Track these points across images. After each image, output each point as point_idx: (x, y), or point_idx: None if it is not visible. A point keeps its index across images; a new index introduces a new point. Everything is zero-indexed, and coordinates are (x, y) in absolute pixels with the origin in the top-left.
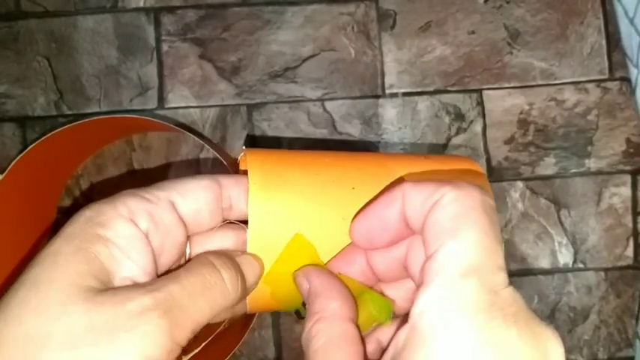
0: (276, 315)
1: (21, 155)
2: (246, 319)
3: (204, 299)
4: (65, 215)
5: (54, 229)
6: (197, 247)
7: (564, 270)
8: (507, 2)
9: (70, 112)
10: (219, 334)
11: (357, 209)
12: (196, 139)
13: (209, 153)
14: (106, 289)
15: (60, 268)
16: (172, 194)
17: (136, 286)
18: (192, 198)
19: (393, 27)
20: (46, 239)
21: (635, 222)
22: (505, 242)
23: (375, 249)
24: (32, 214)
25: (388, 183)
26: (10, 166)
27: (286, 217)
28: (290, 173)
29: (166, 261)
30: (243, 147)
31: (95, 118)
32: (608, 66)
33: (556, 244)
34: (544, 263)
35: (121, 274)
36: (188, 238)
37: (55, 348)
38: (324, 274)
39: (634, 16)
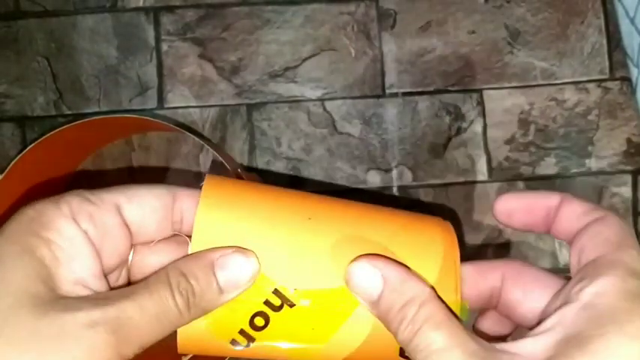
0: None
1: (20, 155)
2: None
3: (156, 320)
4: None
5: None
6: (139, 256)
7: (565, 270)
8: (508, 2)
9: (69, 112)
10: None
11: (311, 239)
12: (196, 138)
13: (209, 153)
14: (56, 296)
15: (7, 272)
16: (119, 197)
17: (87, 298)
18: (139, 204)
19: (393, 26)
20: None
21: (635, 222)
22: (505, 243)
23: (507, 224)
24: None
25: (349, 220)
26: (9, 166)
27: (231, 235)
28: (244, 195)
29: (109, 264)
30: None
31: (95, 117)
32: (608, 66)
33: (556, 244)
34: (545, 264)
35: (66, 276)
36: (132, 246)
37: (1, 350)
38: (393, 263)
39: (635, 16)
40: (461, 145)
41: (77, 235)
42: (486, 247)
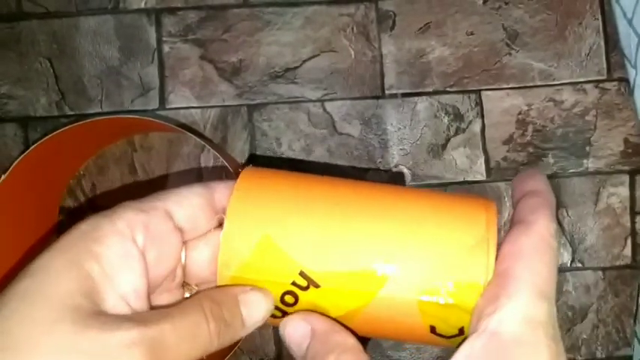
0: None
1: (23, 155)
2: None
3: (190, 344)
4: (67, 215)
5: (56, 229)
6: (192, 252)
7: (562, 269)
8: (506, 3)
9: (71, 113)
10: None
11: (336, 224)
12: (197, 139)
13: (210, 153)
14: (97, 311)
15: (51, 284)
16: (168, 203)
17: (127, 317)
18: (188, 205)
19: (392, 28)
20: (48, 240)
21: (633, 222)
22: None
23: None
24: (34, 214)
25: (375, 204)
26: (12, 167)
27: (260, 222)
28: (273, 184)
29: (164, 271)
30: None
31: (97, 118)
32: (606, 67)
33: None
34: None
35: (112, 292)
36: (184, 243)
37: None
38: (324, 318)
39: (632, 17)
40: (459, 146)
41: (129, 251)
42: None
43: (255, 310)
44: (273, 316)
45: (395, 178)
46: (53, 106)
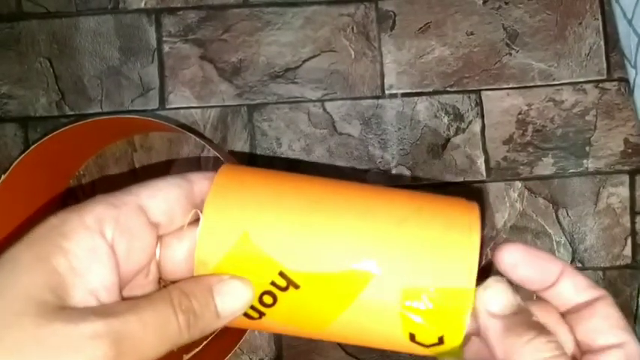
0: None
1: (23, 155)
2: None
3: (157, 336)
4: None
5: None
6: (168, 248)
7: None
8: (506, 3)
9: (71, 113)
10: (220, 333)
11: (317, 223)
12: (197, 139)
13: (210, 153)
14: (62, 306)
15: (17, 278)
16: (142, 198)
17: (92, 309)
18: (162, 198)
19: (392, 28)
20: None
21: (633, 222)
22: (504, 242)
23: (507, 273)
24: (34, 214)
25: (356, 204)
26: (12, 167)
27: (239, 219)
28: (254, 181)
29: (136, 266)
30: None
31: (97, 118)
32: (606, 67)
33: (554, 243)
34: None
35: (80, 287)
36: (159, 238)
37: (0, 354)
38: None
39: (632, 17)
40: (459, 146)
41: (98, 245)
42: (485, 247)
43: (231, 300)
44: (249, 317)
45: (395, 178)
46: (53, 106)
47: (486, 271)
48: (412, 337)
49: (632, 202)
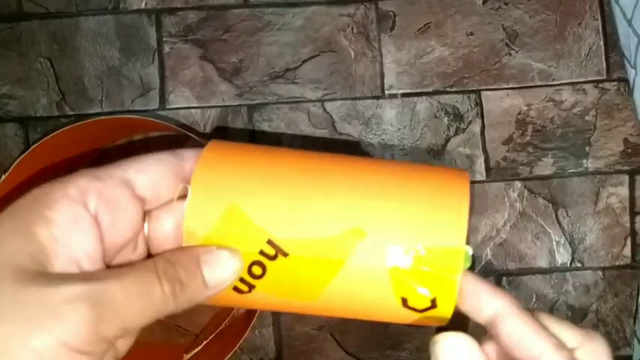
0: (276, 313)
1: (23, 155)
2: (247, 317)
3: (140, 303)
4: None
5: None
6: (155, 222)
7: (562, 269)
8: (506, 4)
9: (72, 113)
10: (220, 333)
11: (304, 190)
12: (197, 139)
13: None
14: (42, 272)
15: (3, 250)
16: (128, 171)
17: (72, 275)
18: (150, 173)
19: (392, 28)
20: None
21: (632, 221)
22: (503, 242)
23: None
24: None
25: (344, 172)
26: (12, 166)
27: (226, 188)
28: (242, 153)
29: (121, 239)
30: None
31: (97, 118)
32: (605, 67)
33: (554, 243)
34: (542, 262)
35: (62, 255)
36: (147, 213)
37: (9, 321)
38: None
39: (632, 18)
40: (459, 146)
41: (80, 216)
42: (484, 246)
43: (219, 269)
44: (239, 291)
45: None
46: (53, 106)
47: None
48: (405, 302)
49: (631, 202)
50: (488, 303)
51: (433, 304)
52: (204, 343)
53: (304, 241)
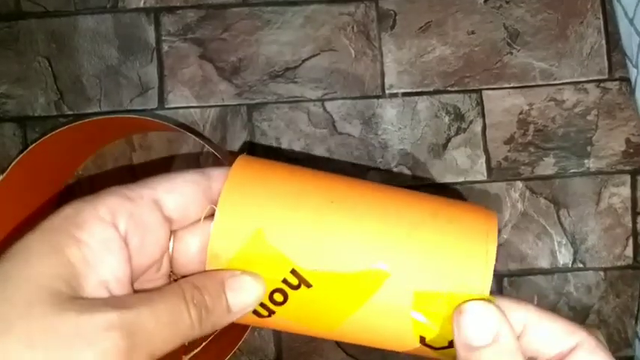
0: None
1: (21, 155)
2: None
3: (169, 329)
4: None
5: None
6: (181, 242)
7: (564, 270)
8: (507, 2)
9: (70, 112)
10: (219, 334)
11: (332, 223)
12: (196, 139)
13: (209, 153)
14: (74, 296)
15: (31, 267)
16: (158, 192)
17: (105, 300)
18: (179, 194)
19: (392, 27)
20: None
21: (634, 222)
22: (504, 242)
23: None
24: (33, 214)
25: (373, 205)
26: (10, 166)
27: (253, 216)
28: (269, 176)
29: (148, 260)
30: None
31: (95, 118)
32: (607, 66)
33: (555, 243)
34: (543, 263)
35: (92, 278)
36: (172, 232)
37: (12, 343)
38: None
39: (634, 17)
40: (460, 145)
41: (111, 237)
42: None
43: (243, 295)
44: (259, 314)
45: (395, 178)
46: (52, 105)
47: None
48: (422, 340)
49: (633, 203)
50: (564, 338)
51: (450, 345)
52: (204, 344)
53: (329, 275)
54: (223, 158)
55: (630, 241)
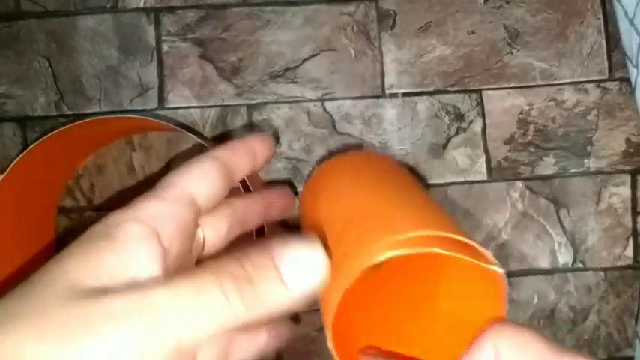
0: None
1: (21, 155)
2: None
3: (193, 309)
4: (66, 215)
5: (54, 229)
6: (208, 230)
7: (564, 270)
8: (507, 2)
9: (70, 112)
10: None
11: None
12: (196, 139)
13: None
14: (104, 289)
15: (63, 266)
16: (191, 189)
17: (132, 287)
18: (208, 186)
19: (392, 27)
20: (46, 240)
21: (634, 222)
22: (504, 242)
23: None
24: (32, 214)
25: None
26: (10, 166)
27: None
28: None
29: (179, 253)
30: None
31: (95, 118)
32: (607, 66)
33: (555, 243)
34: (543, 263)
35: (126, 275)
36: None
37: (22, 336)
38: None
39: (634, 17)
40: (460, 145)
41: (143, 234)
42: (485, 247)
43: (299, 264)
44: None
45: None
46: (52, 105)
47: None
48: None
49: (633, 203)
50: None
51: None
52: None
53: None
54: None
55: (630, 241)
